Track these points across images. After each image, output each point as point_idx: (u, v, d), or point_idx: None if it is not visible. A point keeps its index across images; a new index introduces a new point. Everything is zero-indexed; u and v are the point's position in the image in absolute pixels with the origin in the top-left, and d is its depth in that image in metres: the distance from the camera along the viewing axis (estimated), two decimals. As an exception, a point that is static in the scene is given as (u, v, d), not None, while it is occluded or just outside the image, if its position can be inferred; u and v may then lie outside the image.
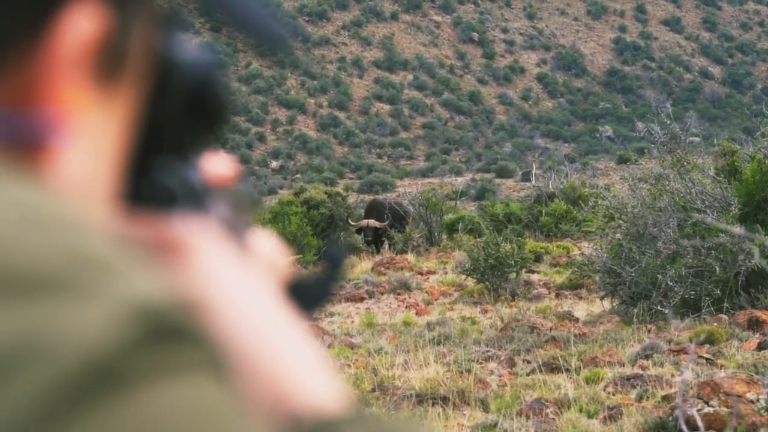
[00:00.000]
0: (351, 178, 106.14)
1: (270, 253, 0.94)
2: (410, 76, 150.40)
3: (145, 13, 0.76)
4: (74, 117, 0.69)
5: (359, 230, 32.66)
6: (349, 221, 32.84)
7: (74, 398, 0.52)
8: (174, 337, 0.57)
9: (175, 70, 0.86)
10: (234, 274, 0.81)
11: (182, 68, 0.87)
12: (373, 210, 33.73)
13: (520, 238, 24.54)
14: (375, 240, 32.67)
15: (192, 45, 0.89)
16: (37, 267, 0.55)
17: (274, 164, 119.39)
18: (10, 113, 0.67)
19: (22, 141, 0.67)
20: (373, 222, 32.53)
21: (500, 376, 12.94)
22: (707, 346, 13.40)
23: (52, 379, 0.52)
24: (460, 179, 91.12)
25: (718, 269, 15.99)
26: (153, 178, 0.85)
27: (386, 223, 32.43)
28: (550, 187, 35.86)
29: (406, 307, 20.88)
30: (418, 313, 19.88)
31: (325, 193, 33.85)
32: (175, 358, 0.56)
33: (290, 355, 0.79)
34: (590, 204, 21.64)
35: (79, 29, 0.68)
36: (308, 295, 0.96)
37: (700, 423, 6.18)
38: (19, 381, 0.51)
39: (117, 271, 0.58)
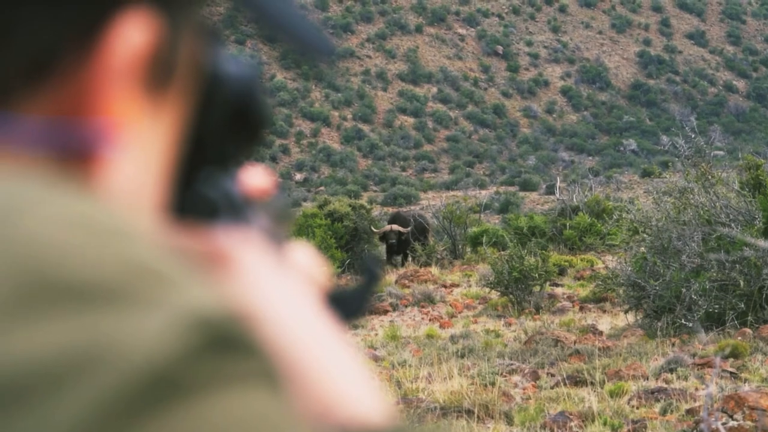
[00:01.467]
0: (375, 191, 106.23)
1: (307, 265, 0.94)
2: (434, 89, 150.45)
3: (192, 25, 0.77)
4: (124, 128, 0.70)
5: (382, 237, 32.54)
6: (372, 228, 32.73)
7: (133, 408, 0.52)
8: (230, 348, 0.57)
9: (219, 83, 0.87)
10: (277, 285, 0.82)
11: (226, 81, 0.88)
12: (396, 221, 33.63)
13: (544, 252, 24.47)
14: (399, 245, 32.54)
15: (234, 58, 0.90)
16: (95, 277, 0.56)
17: (298, 177, 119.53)
18: (62, 123, 0.67)
19: (73, 151, 0.68)
20: (396, 226, 32.43)
21: (524, 389, 12.92)
22: (731, 359, 13.36)
23: (111, 388, 0.52)
24: (484, 192, 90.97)
25: (742, 283, 15.94)
26: (196, 191, 0.86)
27: (409, 228, 32.32)
28: (574, 200, 35.80)
29: (430, 320, 20.87)
30: (441, 326, 19.87)
31: (349, 205, 33.85)
32: (232, 368, 0.56)
33: (335, 366, 0.79)
34: (614, 217, 21.69)
35: (130, 40, 0.69)
36: (345, 306, 0.97)
37: (725, 437, 6.16)
38: (78, 391, 0.51)
39: (173, 282, 0.58)
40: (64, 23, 0.67)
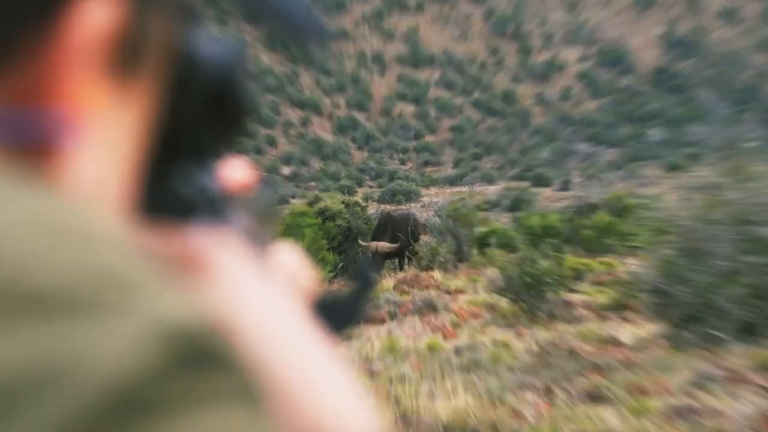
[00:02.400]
0: (371, 187, 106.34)
1: (294, 268, 0.94)
2: (437, 74, 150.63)
3: (165, 3, 0.77)
4: (88, 116, 0.69)
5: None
6: (359, 241, 32.54)
7: (96, 429, 0.51)
8: (205, 362, 0.57)
9: (196, 66, 0.87)
10: (258, 292, 0.81)
11: (204, 64, 0.88)
12: (388, 226, 33.28)
13: (559, 254, 24.49)
14: (392, 252, 32.42)
15: (215, 39, 0.89)
16: (55, 284, 0.55)
17: (286, 171, 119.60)
18: (19, 112, 0.67)
19: (31, 142, 0.67)
20: (382, 245, 32.11)
21: (537, 407, 12.94)
22: (767, 374, 13.38)
23: (73, 407, 0.51)
24: (492, 188, 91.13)
25: (779, 289, 15.95)
26: (170, 187, 0.85)
27: (398, 244, 32.04)
28: (593, 197, 35.85)
29: (432, 330, 20.88)
30: (445, 337, 19.87)
31: (343, 203, 33.84)
32: (206, 385, 0.56)
33: (322, 381, 0.79)
34: (637, 216, 21.67)
35: (95, 21, 0.69)
36: (338, 314, 0.96)
37: (760, 460, 6.17)
38: (40, 409, 0.51)
39: (143, 289, 0.58)
40: (22, 3, 0.67)
